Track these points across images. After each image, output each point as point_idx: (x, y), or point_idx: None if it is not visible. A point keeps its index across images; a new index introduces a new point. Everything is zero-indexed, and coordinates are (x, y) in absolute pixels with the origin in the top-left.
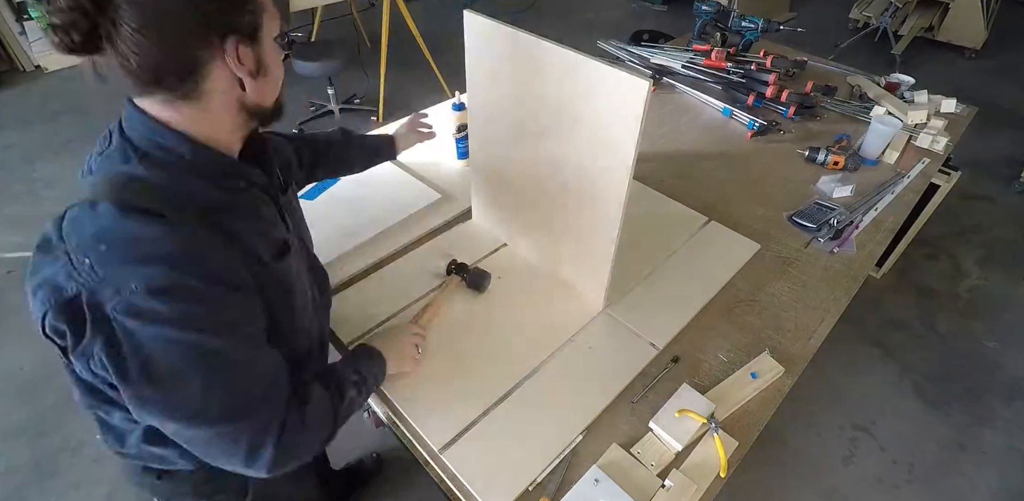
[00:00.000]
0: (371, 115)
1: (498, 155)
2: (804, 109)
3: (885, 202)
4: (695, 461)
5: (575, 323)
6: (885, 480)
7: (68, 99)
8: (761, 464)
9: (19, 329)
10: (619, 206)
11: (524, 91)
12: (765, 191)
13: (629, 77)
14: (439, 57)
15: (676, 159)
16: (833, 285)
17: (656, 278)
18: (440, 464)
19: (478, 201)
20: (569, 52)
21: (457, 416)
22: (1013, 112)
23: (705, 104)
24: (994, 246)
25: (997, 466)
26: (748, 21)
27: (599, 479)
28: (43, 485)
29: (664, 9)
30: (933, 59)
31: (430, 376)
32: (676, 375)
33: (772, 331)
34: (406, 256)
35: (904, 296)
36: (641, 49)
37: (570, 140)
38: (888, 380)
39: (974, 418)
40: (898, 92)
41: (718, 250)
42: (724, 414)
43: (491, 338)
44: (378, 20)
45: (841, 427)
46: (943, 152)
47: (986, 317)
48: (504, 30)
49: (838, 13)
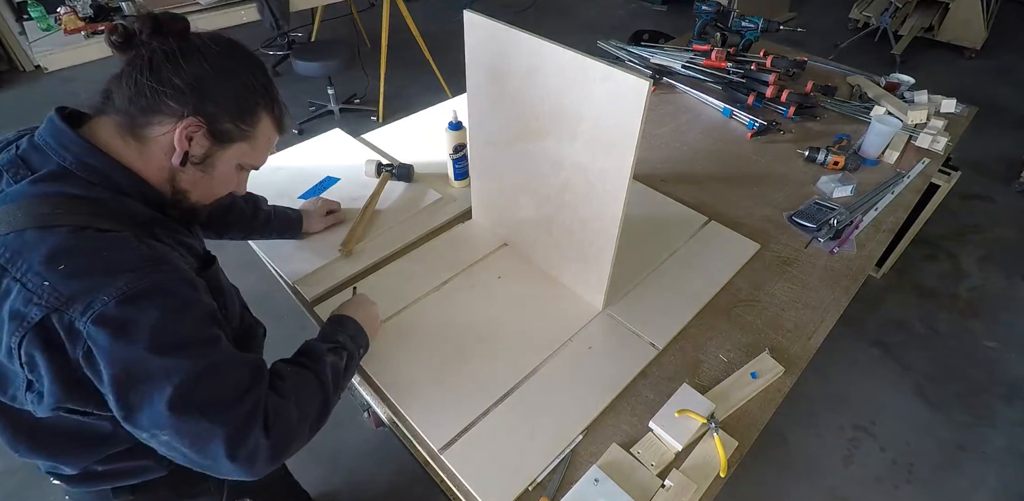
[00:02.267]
0: (371, 115)
1: (498, 155)
2: (804, 109)
3: (885, 202)
4: (695, 461)
5: (575, 323)
6: (885, 480)
7: (68, 99)
8: (761, 464)
9: None
10: (619, 206)
11: (524, 91)
12: (765, 191)
13: (629, 77)
14: (439, 57)
15: (676, 159)
16: (833, 285)
17: (656, 278)
18: (440, 464)
19: (478, 201)
20: (569, 52)
21: (457, 416)
22: (1013, 112)
23: (705, 104)
24: (994, 246)
25: (997, 466)
26: (748, 21)
27: (599, 479)
28: (43, 485)
29: (664, 9)
30: (933, 59)
31: (430, 376)
32: (676, 375)
33: (772, 331)
34: (406, 256)
35: (904, 296)
36: (641, 49)
37: (570, 140)
38: (888, 380)
39: (974, 418)
40: (898, 92)
41: (718, 250)
42: (724, 414)
43: (491, 338)
44: (378, 20)
45: (841, 427)
46: (943, 152)
47: (986, 317)
48: (504, 30)
49: (838, 13)
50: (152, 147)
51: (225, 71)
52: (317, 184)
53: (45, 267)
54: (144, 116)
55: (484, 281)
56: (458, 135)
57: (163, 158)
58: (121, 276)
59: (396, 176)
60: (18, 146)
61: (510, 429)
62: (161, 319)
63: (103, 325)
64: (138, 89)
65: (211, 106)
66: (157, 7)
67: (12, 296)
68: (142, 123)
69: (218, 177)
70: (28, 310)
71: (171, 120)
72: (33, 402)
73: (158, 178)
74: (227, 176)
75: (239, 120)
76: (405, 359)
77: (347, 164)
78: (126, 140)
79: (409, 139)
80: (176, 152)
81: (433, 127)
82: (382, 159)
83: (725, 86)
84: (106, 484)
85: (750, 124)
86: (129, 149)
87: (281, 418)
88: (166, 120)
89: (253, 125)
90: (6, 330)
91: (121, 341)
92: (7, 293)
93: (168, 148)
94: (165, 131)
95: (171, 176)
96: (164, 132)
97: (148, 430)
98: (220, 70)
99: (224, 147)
